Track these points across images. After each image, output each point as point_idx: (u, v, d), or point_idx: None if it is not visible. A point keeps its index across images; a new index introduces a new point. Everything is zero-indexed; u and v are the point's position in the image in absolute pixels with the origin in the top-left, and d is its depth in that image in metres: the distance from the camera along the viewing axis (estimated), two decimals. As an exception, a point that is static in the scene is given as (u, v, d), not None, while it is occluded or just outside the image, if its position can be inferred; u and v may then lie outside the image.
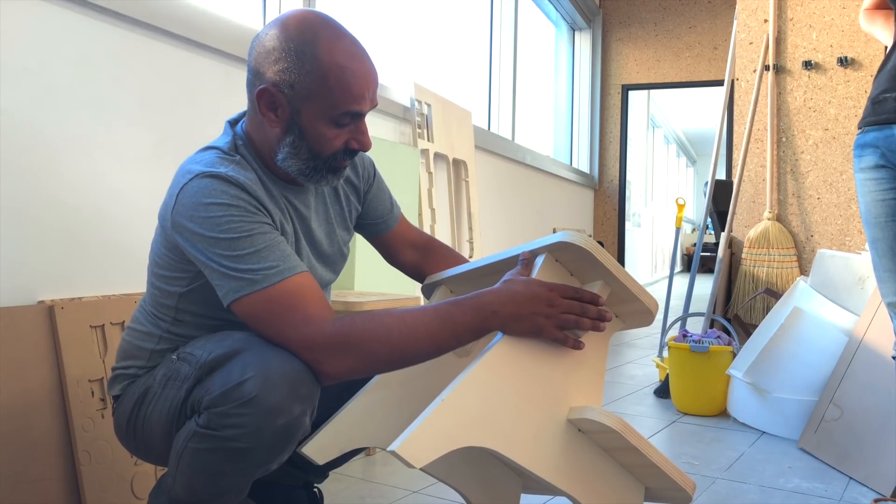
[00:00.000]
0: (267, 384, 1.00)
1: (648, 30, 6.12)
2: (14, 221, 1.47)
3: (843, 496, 1.84)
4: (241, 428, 1.01)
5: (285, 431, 1.03)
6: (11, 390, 1.39)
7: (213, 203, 1.07)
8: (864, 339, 2.18)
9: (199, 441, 1.04)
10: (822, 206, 3.08)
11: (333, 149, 1.16)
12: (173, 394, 1.12)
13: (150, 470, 1.59)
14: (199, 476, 1.06)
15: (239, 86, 2.08)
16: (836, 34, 3.06)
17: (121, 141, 1.71)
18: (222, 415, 1.02)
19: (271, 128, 1.16)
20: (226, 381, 1.03)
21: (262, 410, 1.00)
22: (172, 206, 1.11)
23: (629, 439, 1.07)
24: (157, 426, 1.15)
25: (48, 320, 1.47)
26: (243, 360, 1.04)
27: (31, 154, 1.51)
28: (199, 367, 1.09)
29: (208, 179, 1.09)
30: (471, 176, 3.49)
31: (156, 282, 1.21)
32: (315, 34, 1.11)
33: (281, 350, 1.06)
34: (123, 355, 1.24)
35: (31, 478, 1.39)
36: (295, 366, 1.04)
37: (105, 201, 1.67)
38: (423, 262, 1.48)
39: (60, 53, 1.56)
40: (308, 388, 1.05)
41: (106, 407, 1.54)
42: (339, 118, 1.13)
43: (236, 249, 1.06)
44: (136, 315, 1.27)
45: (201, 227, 1.07)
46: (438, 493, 1.79)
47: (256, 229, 1.08)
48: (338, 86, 1.11)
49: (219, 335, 1.14)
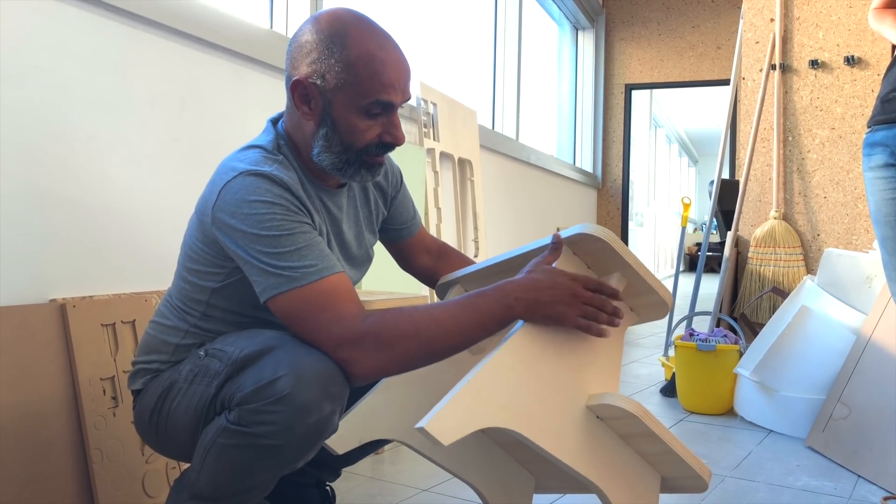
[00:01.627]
0: (299, 382, 1.01)
1: (652, 29, 6.11)
2: (25, 220, 1.48)
3: (852, 494, 1.84)
4: (273, 425, 1.02)
5: (315, 429, 1.04)
6: (24, 389, 1.39)
7: (257, 200, 1.08)
8: (872, 338, 2.18)
9: (229, 437, 1.05)
10: (829, 205, 3.08)
11: (365, 141, 1.17)
12: (202, 390, 1.12)
13: (161, 468, 1.59)
14: (226, 472, 1.07)
15: (248, 85, 2.09)
16: (842, 33, 3.06)
17: (131, 140, 1.71)
18: (254, 411, 1.03)
19: (306, 121, 1.17)
20: (258, 378, 1.03)
21: (294, 408, 1.01)
22: (214, 201, 1.12)
23: (649, 425, 1.07)
24: (183, 421, 1.15)
25: (60, 319, 1.47)
26: (276, 358, 1.05)
27: (41, 152, 1.51)
28: (230, 363, 1.10)
29: (253, 178, 1.10)
30: (476, 175, 3.49)
31: (188, 276, 1.21)
32: (346, 27, 1.13)
33: (313, 349, 1.07)
34: (146, 349, 1.24)
35: (44, 476, 1.40)
36: (327, 364, 1.05)
37: (116, 200, 1.68)
38: (436, 266, 1.50)
39: (70, 52, 1.57)
40: (338, 388, 1.05)
41: (118, 405, 1.54)
42: (369, 108, 1.14)
43: (277, 247, 1.07)
44: (160, 309, 1.27)
45: (243, 224, 1.08)
46: (448, 492, 1.79)
47: (298, 228, 1.09)
48: (366, 74, 1.12)
49: (249, 332, 1.14)
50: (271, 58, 2.14)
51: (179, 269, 1.24)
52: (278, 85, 2.22)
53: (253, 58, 2.07)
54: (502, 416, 0.99)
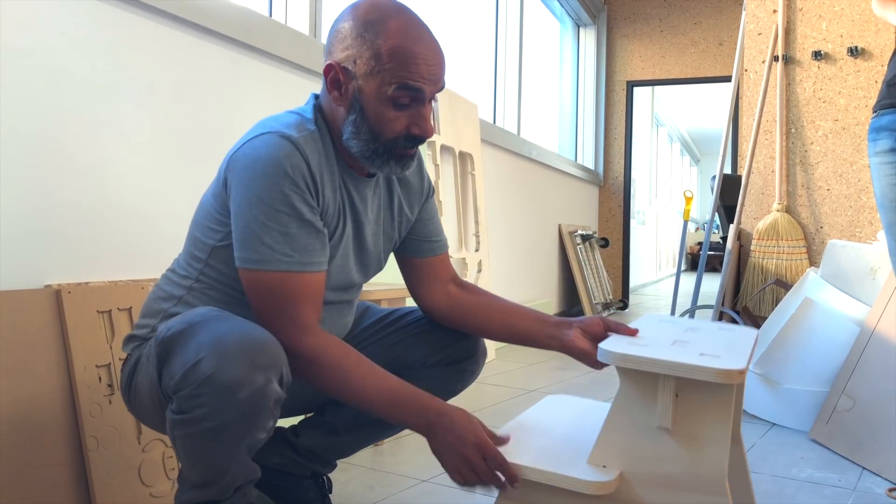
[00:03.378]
0: (222, 360, 1.00)
1: (653, 26, 6.09)
2: (20, 205, 1.46)
3: (856, 486, 1.82)
4: (206, 406, 1.01)
5: (252, 403, 1.02)
6: (18, 374, 1.37)
7: (274, 166, 1.09)
8: (876, 329, 2.16)
9: (180, 428, 1.05)
10: (832, 197, 3.06)
11: (394, 132, 1.15)
12: (151, 371, 1.13)
13: (157, 457, 1.57)
14: (196, 460, 1.07)
15: (247, 73, 2.07)
16: (845, 24, 3.04)
17: (127, 125, 1.70)
18: (188, 397, 1.02)
19: (337, 106, 1.18)
20: (184, 363, 1.03)
21: (221, 386, 1.00)
22: (237, 148, 1.14)
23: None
24: (145, 401, 1.17)
25: (55, 304, 1.45)
26: (198, 339, 1.04)
27: (37, 137, 1.49)
28: (158, 343, 1.10)
29: (281, 139, 1.11)
30: (477, 169, 3.47)
31: (195, 231, 1.22)
32: (382, 15, 1.14)
33: (238, 321, 1.06)
34: (143, 313, 1.26)
35: (39, 463, 1.38)
36: (252, 335, 1.04)
37: (112, 186, 1.66)
38: (465, 297, 1.40)
39: (66, 34, 1.55)
40: (268, 357, 1.04)
41: (113, 393, 1.52)
42: (397, 96, 1.13)
43: (270, 220, 1.09)
44: (165, 273, 1.28)
45: (252, 182, 1.10)
46: (447, 482, 1.77)
47: (296, 212, 1.10)
48: (395, 61, 1.11)
49: (190, 310, 1.13)
50: (270, 46, 2.12)
51: (191, 225, 1.25)
52: (276, 73, 2.20)
53: (251, 45, 2.06)
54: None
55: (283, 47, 2.18)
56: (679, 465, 1.06)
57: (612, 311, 5.77)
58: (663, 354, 1.06)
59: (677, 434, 1.07)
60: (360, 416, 1.43)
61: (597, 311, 5.36)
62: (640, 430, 1.08)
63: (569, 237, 5.31)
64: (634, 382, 1.08)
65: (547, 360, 3.58)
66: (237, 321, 1.07)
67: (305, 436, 1.43)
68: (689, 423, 1.06)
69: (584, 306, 5.16)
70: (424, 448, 1.23)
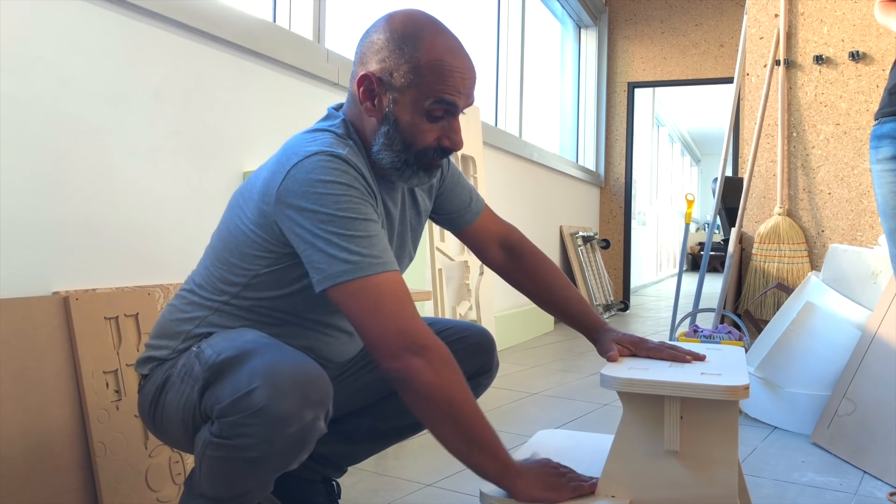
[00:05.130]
0: (276, 392, 0.99)
1: (654, 27, 6.10)
2: (28, 212, 1.47)
3: (858, 490, 1.83)
4: (252, 437, 1.00)
5: (297, 438, 1.01)
6: (27, 380, 1.38)
7: (334, 181, 1.06)
8: (877, 333, 2.17)
9: (215, 450, 1.04)
10: (834, 201, 3.07)
11: (425, 143, 1.16)
12: (188, 391, 1.12)
13: (164, 462, 1.59)
14: (220, 479, 1.07)
15: (252, 79, 2.08)
16: (847, 28, 3.05)
17: (134, 132, 1.71)
18: (233, 425, 1.01)
19: (368, 117, 1.17)
20: (235, 389, 1.01)
21: (272, 420, 0.99)
22: (281, 180, 1.08)
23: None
24: (175, 417, 1.15)
25: (63, 311, 1.47)
26: (251, 366, 1.02)
27: (44, 144, 1.50)
28: (207, 367, 1.08)
29: (329, 158, 1.08)
30: (479, 172, 3.48)
31: (229, 258, 1.17)
32: (419, 28, 1.13)
33: (291, 353, 1.05)
34: (159, 333, 1.23)
35: (46, 469, 1.39)
36: (306, 370, 1.02)
37: (119, 193, 1.67)
38: (509, 268, 1.45)
39: (74, 43, 1.56)
40: (320, 393, 1.03)
41: (121, 399, 1.53)
42: (432, 109, 1.13)
43: (352, 229, 1.05)
44: (180, 292, 1.25)
45: (316, 204, 1.05)
46: (451, 486, 1.79)
47: (371, 215, 1.08)
48: (433, 76, 1.12)
49: (234, 332, 1.13)
50: (274, 52, 2.13)
51: (215, 252, 1.21)
52: (281, 79, 2.21)
53: (256, 52, 2.07)
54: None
55: (287, 53, 2.19)
56: (689, 489, 1.06)
57: (613, 313, 5.78)
58: (667, 376, 1.07)
59: (685, 457, 1.06)
60: (378, 428, 1.44)
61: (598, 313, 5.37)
62: (648, 456, 1.08)
63: (570, 238, 5.32)
64: (639, 407, 1.08)
65: (549, 362, 3.59)
66: (290, 351, 1.05)
67: (320, 442, 1.44)
68: (697, 445, 1.06)
69: (586, 308, 5.16)
70: (428, 452, 1.24)
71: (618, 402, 2.68)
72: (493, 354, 1.47)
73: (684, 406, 1.06)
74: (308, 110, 2.33)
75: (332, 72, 2.41)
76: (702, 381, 1.03)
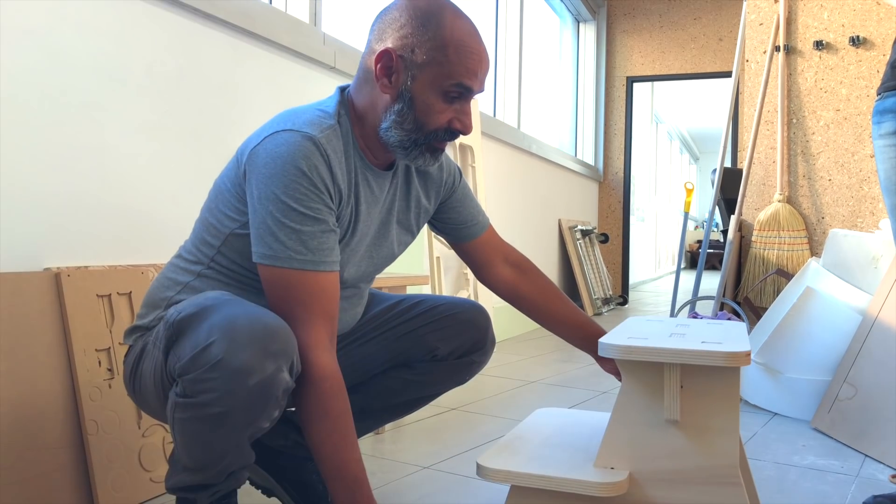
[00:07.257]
0: (233, 345, 0.98)
1: (653, 21, 6.09)
2: (19, 187, 1.45)
3: (859, 472, 1.82)
4: (214, 392, 0.99)
5: (260, 390, 1.00)
6: (17, 357, 1.36)
7: (294, 165, 1.08)
8: (878, 318, 2.16)
9: (182, 411, 1.03)
10: (834, 187, 3.05)
11: (438, 124, 1.16)
12: (156, 354, 1.11)
13: (157, 442, 1.57)
14: (193, 444, 1.05)
15: (246, 59, 2.06)
16: (847, 13, 3.03)
17: (127, 109, 1.69)
18: (194, 381, 1.00)
19: (383, 93, 1.16)
20: (194, 345, 1.01)
21: (231, 372, 0.98)
22: (257, 143, 1.12)
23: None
24: (149, 385, 1.15)
25: (54, 287, 1.44)
26: (210, 322, 1.02)
27: (36, 119, 1.48)
28: (168, 326, 1.07)
29: (301, 138, 1.10)
30: (477, 162, 3.46)
31: (208, 217, 1.20)
32: (442, 8, 1.14)
33: (252, 307, 1.04)
34: (146, 303, 1.23)
35: (38, 446, 1.37)
36: (265, 322, 1.01)
37: (111, 169, 1.65)
38: (518, 282, 1.45)
39: (64, 17, 1.54)
40: (280, 343, 1.02)
41: (113, 377, 1.51)
42: (450, 90, 1.14)
43: (287, 217, 1.08)
44: (170, 260, 1.26)
45: (269, 179, 1.09)
46: (449, 468, 1.77)
47: (314, 213, 1.10)
48: (455, 57, 1.12)
49: (201, 295, 1.12)
50: (270, 33, 2.11)
51: (200, 217, 1.23)
52: (276, 61, 2.19)
53: (252, 32, 2.05)
54: None
55: (283, 35, 2.17)
56: (690, 459, 1.04)
57: (612, 307, 5.77)
58: (666, 344, 1.05)
59: (685, 426, 1.05)
60: (367, 407, 1.43)
61: (597, 307, 5.35)
62: (647, 426, 1.06)
63: (569, 232, 5.30)
64: (638, 376, 1.07)
65: (548, 352, 3.57)
66: (250, 306, 1.05)
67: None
68: (697, 415, 1.05)
69: (584, 301, 5.15)
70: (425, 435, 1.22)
71: (616, 389, 2.66)
72: (486, 331, 1.45)
73: (684, 374, 1.05)
74: (303, 93, 2.31)
75: (329, 55, 2.39)
76: (703, 348, 1.01)
